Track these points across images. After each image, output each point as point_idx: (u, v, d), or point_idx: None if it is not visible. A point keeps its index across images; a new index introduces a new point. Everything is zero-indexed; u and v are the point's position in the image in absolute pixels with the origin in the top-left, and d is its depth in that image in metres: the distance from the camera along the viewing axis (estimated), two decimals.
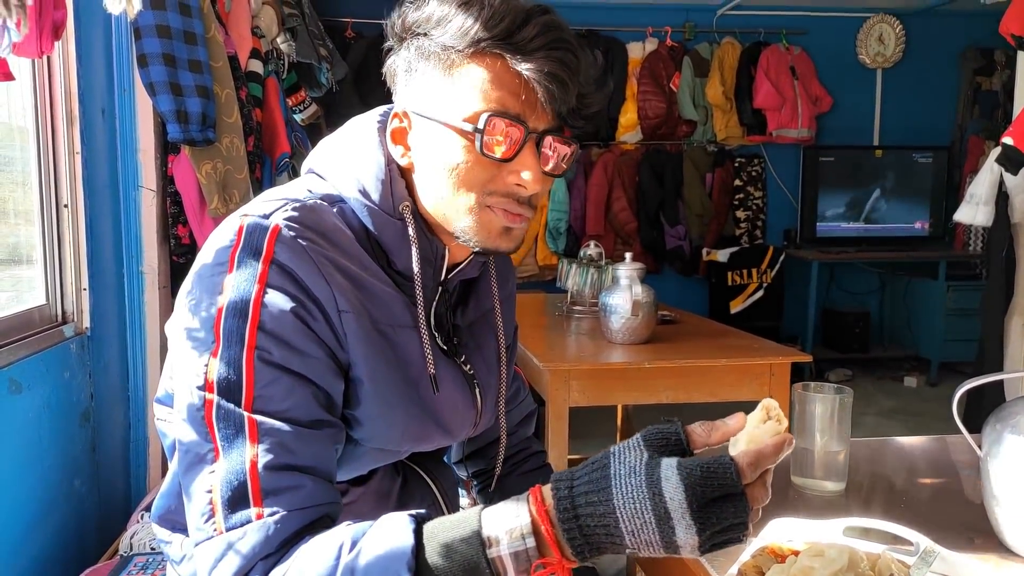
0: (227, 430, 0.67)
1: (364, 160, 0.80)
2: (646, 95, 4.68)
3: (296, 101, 3.07)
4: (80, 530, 1.82)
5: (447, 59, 0.75)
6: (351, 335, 0.75)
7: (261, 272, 0.71)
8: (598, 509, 0.60)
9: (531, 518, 0.62)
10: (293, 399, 0.69)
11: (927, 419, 3.94)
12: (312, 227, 0.75)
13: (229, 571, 0.65)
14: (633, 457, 0.62)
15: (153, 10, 1.87)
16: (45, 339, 1.69)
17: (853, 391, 1.01)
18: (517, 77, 0.73)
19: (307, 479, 0.68)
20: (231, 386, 0.68)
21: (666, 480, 0.59)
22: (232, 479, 0.66)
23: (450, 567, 0.61)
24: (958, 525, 0.90)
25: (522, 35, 0.72)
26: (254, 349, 0.69)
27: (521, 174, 0.75)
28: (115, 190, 2.02)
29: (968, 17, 4.86)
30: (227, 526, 0.65)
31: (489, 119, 0.73)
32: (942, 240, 4.98)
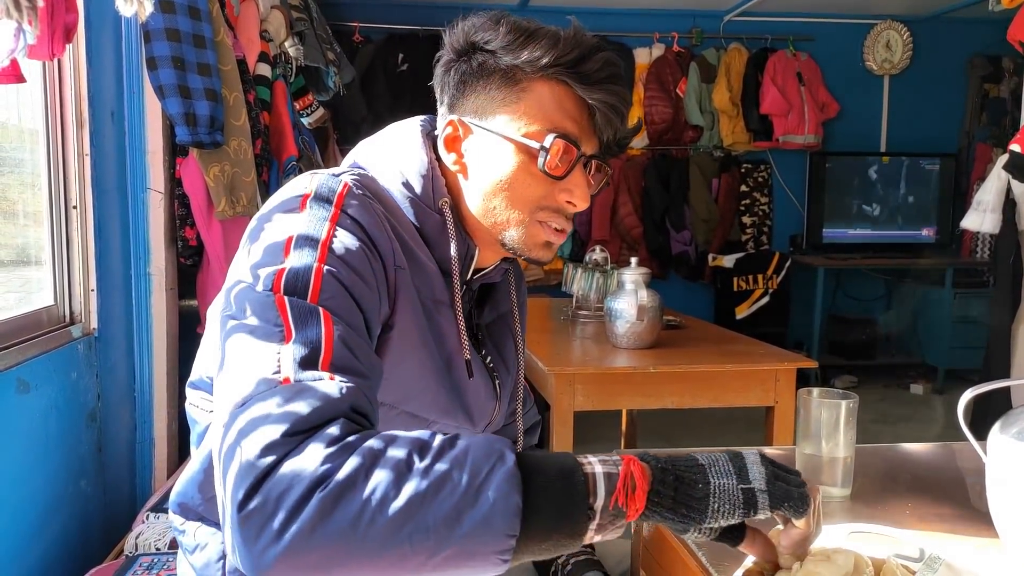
0: (300, 313, 0.65)
1: (408, 156, 0.85)
2: (652, 100, 4.68)
3: (303, 105, 3.08)
4: (86, 530, 1.83)
5: (514, 78, 0.80)
6: (402, 292, 0.78)
7: (333, 215, 0.73)
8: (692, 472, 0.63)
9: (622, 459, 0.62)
10: (351, 319, 0.68)
11: (933, 426, 3.92)
12: (374, 193, 0.80)
13: (303, 412, 0.58)
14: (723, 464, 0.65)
15: (163, 14, 1.88)
16: (53, 339, 1.70)
17: (859, 398, 1.01)
18: (579, 104, 0.80)
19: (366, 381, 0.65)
20: (299, 286, 0.67)
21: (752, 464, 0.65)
22: (306, 345, 0.63)
23: (546, 463, 0.59)
24: (964, 532, 0.89)
25: (587, 66, 0.79)
26: (324, 264, 0.69)
27: (573, 192, 0.82)
28: (123, 192, 2.03)
29: (976, 24, 4.84)
30: (298, 379, 0.60)
31: (555, 140, 0.79)
32: (949, 247, 4.96)
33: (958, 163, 4.97)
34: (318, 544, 0.53)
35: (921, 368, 4.88)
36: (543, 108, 0.80)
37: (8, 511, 1.50)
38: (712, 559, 0.82)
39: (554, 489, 0.58)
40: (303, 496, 0.53)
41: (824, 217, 4.88)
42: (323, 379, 0.61)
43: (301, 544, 0.53)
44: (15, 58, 1.23)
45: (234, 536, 0.54)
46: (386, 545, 0.54)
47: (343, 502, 0.54)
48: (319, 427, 0.57)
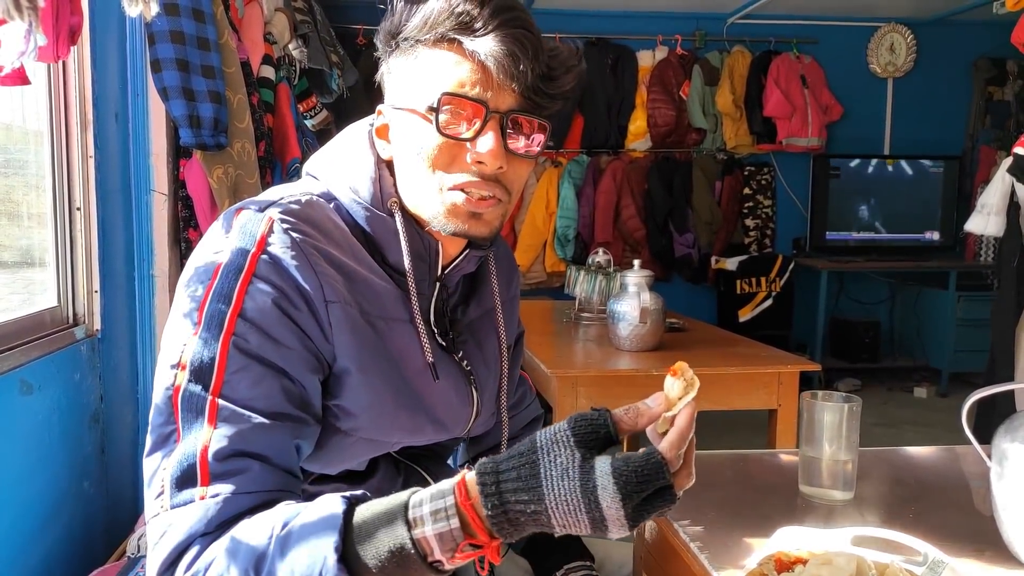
0: (190, 412, 0.69)
1: (355, 160, 0.85)
2: (656, 103, 4.68)
3: (307, 107, 3.09)
4: (88, 531, 1.83)
5: (411, 51, 0.79)
6: (337, 325, 0.76)
7: (250, 262, 0.74)
8: (528, 507, 0.62)
9: (456, 504, 0.63)
10: (260, 389, 0.71)
11: (937, 430, 3.91)
12: (306, 220, 0.78)
13: (168, 546, 0.66)
14: (564, 457, 0.63)
15: (167, 16, 1.89)
16: (56, 341, 1.70)
17: (862, 401, 1.01)
18: (473, 58, 0.76)
19: (256, 464, 0.69)
20: (203, 368, 0.70)
21: (603, 489, 0.61)
22: (184, 461, 0.68)
23: (376, 544, 0.62)
24: (967, 536, 0.89)
25: (476, 19, 0.76)
26: (231, 335, 0.71)
27: (480, 151, 0.77)
28: (127, 194, 2.04)
29: (980, 27, 4.84)
30: (172, 504, 0.67)
31: (442, 98, 0.76)
32: (953, 250, 4.95)
33: (962, 166, 4.97)
34: None
35: (924, 371, 4.87)
36: (437, 72, 0.77)
37: (11, 512, 1.50)
38: (715, 561, 0.82)
39: (388, 569, 0.61)
40: None
41: (827, 220, 4.87)
42: (193, 501, 0.67)
43: None
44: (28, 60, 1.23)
45: None
46: None
47: None
48: (179, 558, 0.66)
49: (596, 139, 4.75)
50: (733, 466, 1.13)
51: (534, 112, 0.79)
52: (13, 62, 1.20)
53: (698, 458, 1.16)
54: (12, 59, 1.20)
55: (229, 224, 0.77)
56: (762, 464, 1.15)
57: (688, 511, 0.94)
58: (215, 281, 0.73)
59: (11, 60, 1.20)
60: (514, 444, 1.08)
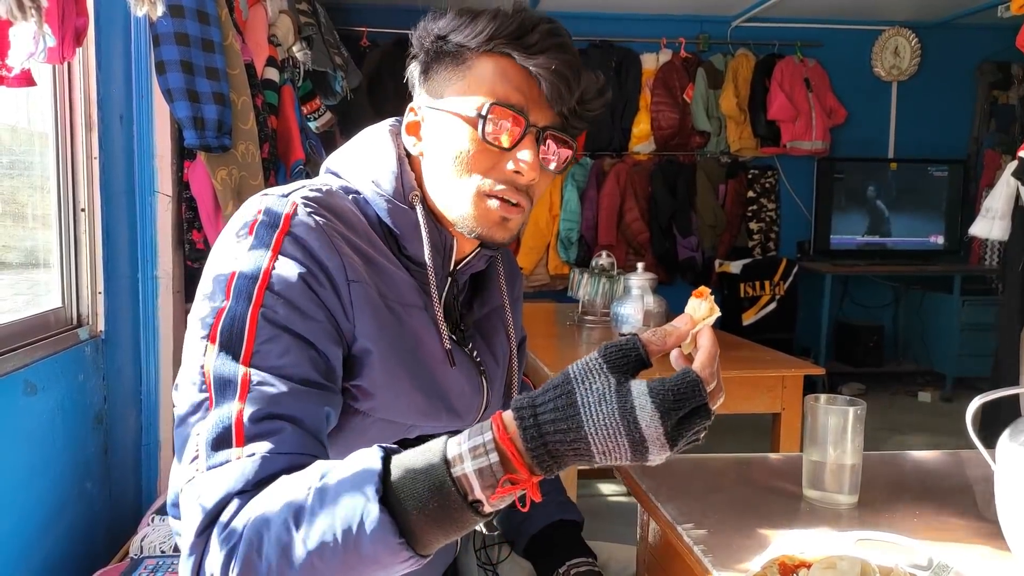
0: (222, 380, 0.71)
1: (377, 155, 0.88)
2: (659, 106, 4.68)
3: (311, 109, 3.09)
4: (91, 532, 1.83)
5: (460, 56, 0.82)
6: (358, 304, 0.78)
7: (276, 241, 0.76)
8: (568, 436, 0.63)
9: (495, 440, 0.63)
10: (289, 357, 0.72)
11: (941, 435, 3.90)
12: (327, 207, 0.80)
13: (207, 505, 0.67)
14: (600, 383, 0.64)
15: (172, 18, 1.89)
16: (60, 342, 1.70)
17: (866, 405, 1.01)
18: (523, 73, 0.81)
19: (289, 426, 0.70)
20: (233, 338, 0.72)
21: (640, 409, 0.62)
22: (219, 424, 0.69)
23: (415, 485, 0.63)
24: (972, 540, 0.89)
25: (530, 38, 0.80)
26: (260, 307, 0.73)
27: (519, 160, 0.81)
28: (131, 195, 2.04)
29: (984, 31, 4.83)
30: (208, 465, 0.68)
31: (492, 107, 0.80)
32: (957, 254, 4.94)
33: (966, 170, 4.96)
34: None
35: (929, 375, 4.86)
36: (486, 81, 0.81)
37: (14, 512, 1.51)
38: (718, 565, 0.82)
39: (430, 510, 0.62)
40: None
41: (831, 223, 4.86)
42: (230, 461, 0.68)
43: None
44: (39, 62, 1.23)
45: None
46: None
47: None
48: (217, 516, 0.66)
49: (600, 142, 4.76)
50: (737, 469, 1.13)
51: (565, 131, 0.84)
52: (23, 63, 1.21)
53: (701, 461, 1.16)
54: (22, 60, 1.20)
55: (254, 209, 0.79)
56: (766, 468, 1.15)
57: (692, 514, 0.94)
58: (242, 259, 0.75)
59: (21, 61, 1.20)
60: None
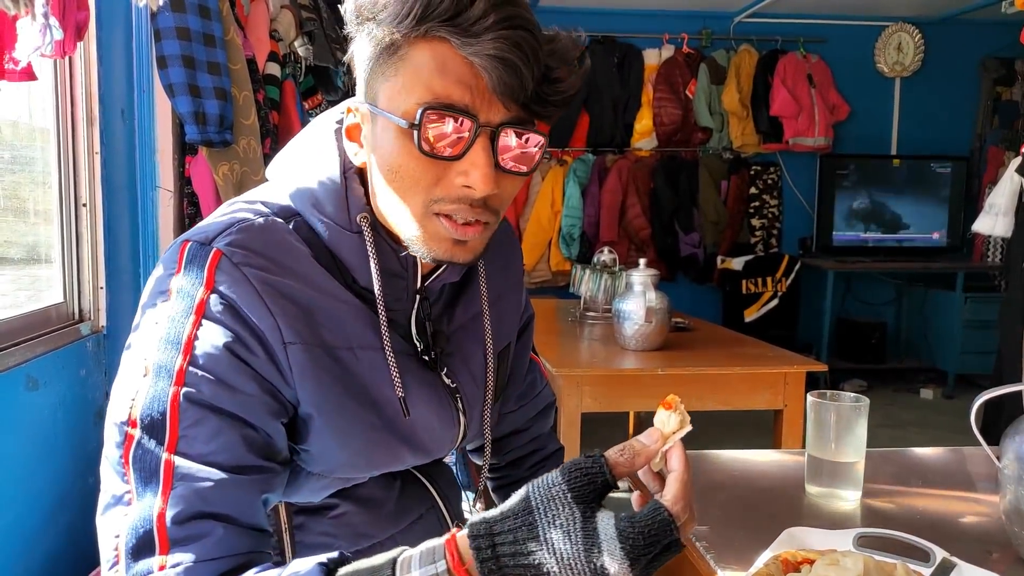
0: (143, 472, 0.63)
1: (319, 170, 0.74)
2: (662, 102, 4.67)
3: (313, 104, 3.09)
4: (92, 527, 1.82)
5: (391, 45, 0.66)
6: (297, 367, 0.69)
7: (198, 305, 0.66)
8: (528, 572, 0.57)
9: (448, 570, 0.58)
10: (219, 441, 0.64)
11: (943, 432, 3.90)
12: (258, 251, 0.69)
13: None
14: (564, 516, 0.58)
15: (173, 12, 1.89)
16: (62, 337, 1.70)
17: (869, 401, 1.00)
18: (464, 63, 0.64)
19: (219, 527, 0.62)
20: (155, 424, 0.63)
21: (609, 555, 0.57)
22: (139, 526, 0.61)
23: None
24: (975, 537, 0.88)
25: (469, 15, 0.63)
26: (182, 387, 0.64)
27: (468, 174, 0.66)
28: (133, 190, 2.04)
29: (988, 26, 4.82)
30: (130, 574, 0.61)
31: (425, 113, 0.64)
32: (960, 251, 4.93)
33: (969, 166, 4.95)
34: None
35: (931, 372, 4.85)
36: (421, 76, 0.65)
37: (16, 507, 1.51)
38: (720, 561, 0.82)
39: None
40: None
41: (834, 220, 4.86)
42: (152, 572, 0.60)
43: None
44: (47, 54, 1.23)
45: None
46: None
47: None
48: None
49: (602, 138, 4.75)
50: (739, 466, 1.13)
51: (527, 123, 0.68)
52: (30, 56, 1.20)
53: (704, 458, 1.16)
54: (29, 53, 1.20)
55: (174, 261, 0.69)
56: (768, 464, 1.15)
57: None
58: (162, 325, 0.66)
59: (27, 54, 1.20)
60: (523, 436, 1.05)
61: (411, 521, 0.86)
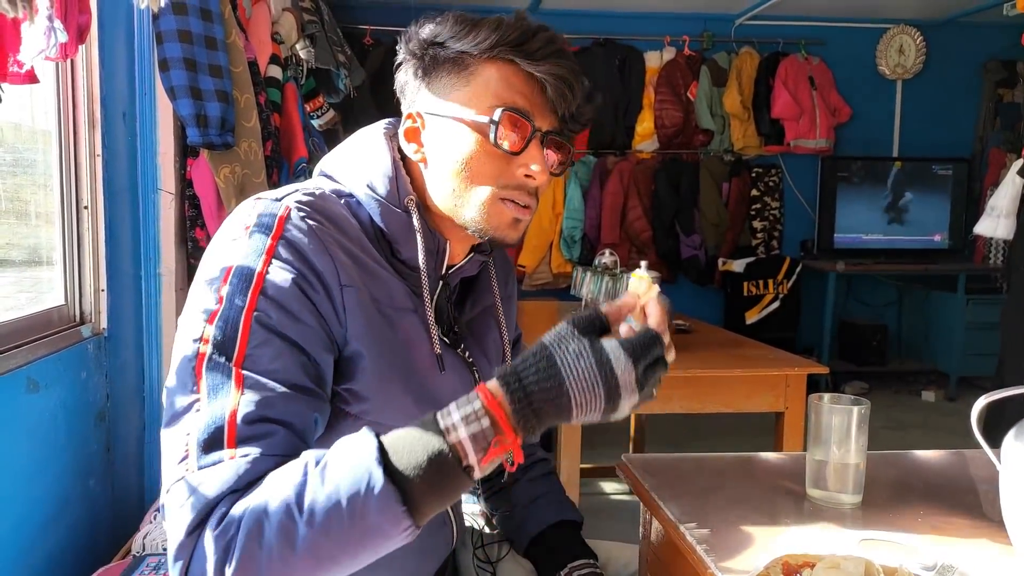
0: (214, 381, 0.71)
1: (372, 159, 0.88)
2: (663, 104, 4.67)
3: (314, 107, 3.09)
4: (93, 529, 1.83)
5: (461, 63, 0.83)
6: (351, 308, 0.79)
7: (269, 246, 0.76)
8: (551, 393, 0.68)
9: (484, 406, 0.67)
10: (281, 362, 0.73)
11: (945, 434, 3.89)
12: (320, 211, 0.81)
13: (199, 504, 0.66)
14: (575, 344, 0.69)
15: (175, 15, 1.89)
16: (63, 339, 1.70)
17: (870, 404, 1.00)
18: (527, 80, 0.83)
19: (282, 430, 0.71)
20: (225, 341, 0.72)
21: (615, 360, 0.68)
22: (211, 424, 0.69)
23: (414, 456, 0.65)
24: (977, 540, 0.88)
25: (532, 44, 0.82)
26: (253, 311, 0.73)
27: (530, 166, 0.83)
28: (134, 193, 2.04)
29: (990, 28, 4.82)
30: (199, 465, 0.68)
31: (504, 112, 0.81)
32: (962, 253, 4.93)
33: (971, 168, 4.94)
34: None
35: (933, 375, 4.85)
36: (491, 88, 0.82)
37: (17, 510, 1.51)
38: (721, 564, 0.81)
39: (430, 479, 0.65)
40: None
41: (835, 222, 4.85)
42: (222, 461, 0.68)
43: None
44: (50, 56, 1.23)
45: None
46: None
47: (251, 571, 0.63)
48: (209, 514, 0.66)
49: (603, 140, 4.75)
50: (740, 468, 1.13)
51: (563, 135, 0.86)
52: (35, 59, 1.20)
53: (705, 460, 1.15)
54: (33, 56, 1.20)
55: (248, 213, 0.80)
56: (769, 467, 1.15)
57: (694, 513, 0.94)
58: (236, 263, 0.76)
59: (31, 57, 1.20)
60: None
61: None
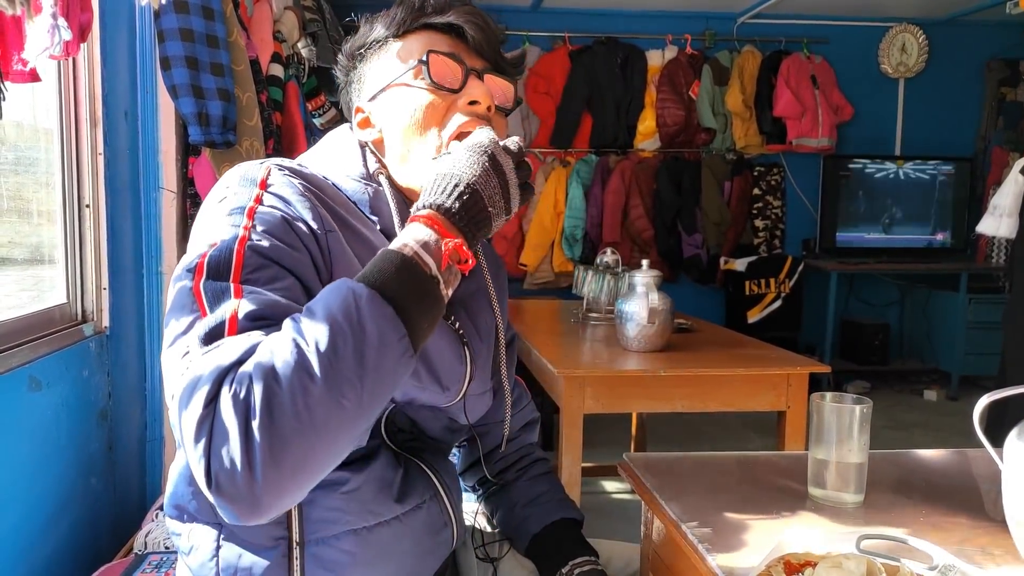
0: (215, 293, 0.71)
1: (340, 146, 0.94)
2: (665, 103, 4.67)
3: (315, 105, 3.09)
4: (95, 528, 1.83)
5: (383, 46, 0.92)
6: (336, 252, 0.81)
7: (255, 196, 0.80)
8: (464, 193, 0.75)
9: (422, 223, 0.74)
10: (276, 285, 0.74)
11: (947, 433, 3.89)
12: (299, 175, 0.85)
13: (208, 380, 0.65)
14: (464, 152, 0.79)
15: (177, 13, 1.89)
16: (65, 337, 1.70)
17: (872, 403, 1.00)
18: (443, 35, 0.90)
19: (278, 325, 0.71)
20: (221, 265, 0.73)
21: (500, 154, 0.79)
22: (212, 322, 0.69)
23: (384, 273, 0.70)
24: (978, 540, 0.88)
25: (436, 6, 0.90)
26: (247, 240, 0.74)
27: (474, 92, 0.87)
28: (136, 191, 2.04)
29: (993, 27, 4.81)
30: (203, 352, 0.67)
31: (429, 54, 0.87)
32: (964, 252, 4.92)
33: (974, 167, 4.93)
34: (282, 458, 0.62)
35: (935, 374, 4.84)
36: (414, 51, 0.89)
37: (19, 508, 1.51)
38: (722, 563, 0.81)
39: (404, 285, 0.69)
40: (244, 441, 0.61)
41: (837, 221, 4.85)
42: (224, 343, 0.67)
43: (271, 470, 0.61)
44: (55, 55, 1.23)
45: (223, 511, 0.63)
46: (331, 413, 0.63)
47: (276, 415, 0.62)
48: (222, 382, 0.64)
49: (605, 139, 4.74)
50: (741, 468, 1.13)
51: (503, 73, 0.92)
52: (39, 57, 1.20)
53: (707, 460, 1.15)
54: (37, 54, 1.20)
55: (233, 176, 0.83)
56: (771, 466, 1.14)
57: (696, 512, 0.94)
58: (225, 205, 0.78)
59: (35, 55, 1.20)
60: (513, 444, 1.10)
61: (415, 505, 0.90)
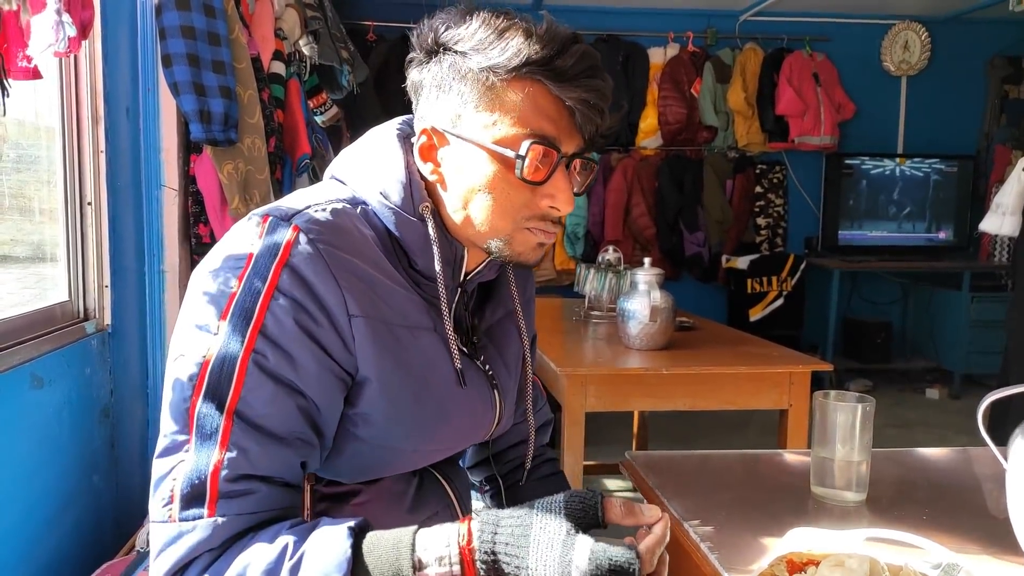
0: (204, 428, 0.70)
1: (384, 164, 0.83)
2: (667, 101, 4.66)
3: (317, 103, 3.09)
4: (98, 525, 1.83)
5: (486, 81, 0.76)
6: (360, 337, 0.76)
7: (273, 275, 0.73)
8: (513, 562, 0.67)
9: (459, 551, 0.68)
10: (276, 406, 0.72)
11: (949, 432, 3.88)
12: (331, 230, 0.76)
13: (174, 557, 0.69)
14: (554, 527, 0.68)
15: (178, 11, 1.89)
16: (67, 335, 1.70)
17: (875, 401, 1.00)
18: (555, 103, 0.77)
19: (263, 486, 0.71)
20: (222, 382, 0.71)
21: (576, 568, 0.65)
22: (194, 477, 0.69)
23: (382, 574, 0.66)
24: (981, 538, 0.88)
25: (562, 63, 0.75)
26: (251, 352, 0.71)
27: (556, 197, 0.79)
28: (138, 189, 2.04)
29: (996, 25, 4.79)
30: (180, 516, 0.69)
31: (532, 146, 0.76)
32: (966, 250, 4.91)
33: (976, 165, 4.92)
34: None
35: (937, 372, 4.83)
36: (518, 111, 0.76)
37: (21, 506, 1.51)
38: (725, 562, 0.81)
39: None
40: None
41: (840, 219, 4.84)
42: (202, 518, 0.69)
43: None
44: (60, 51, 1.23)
45: None
46: None
47: None
48: (187, 568, 0.69)
49: (606, 137, 4.73)
50: (744, 466, 1.13)
51: (589, 152, 0.83)
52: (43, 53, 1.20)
53: (709, 458, 1.15)
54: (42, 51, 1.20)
55: (255, 231, 0.76)
56: (773, 465, 1.14)
57: (699, 511, 0.93)
58: (237, 293, 0.73)
59: (40, 52, 1.20)
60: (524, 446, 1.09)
61: (427, 516, 0.89)
